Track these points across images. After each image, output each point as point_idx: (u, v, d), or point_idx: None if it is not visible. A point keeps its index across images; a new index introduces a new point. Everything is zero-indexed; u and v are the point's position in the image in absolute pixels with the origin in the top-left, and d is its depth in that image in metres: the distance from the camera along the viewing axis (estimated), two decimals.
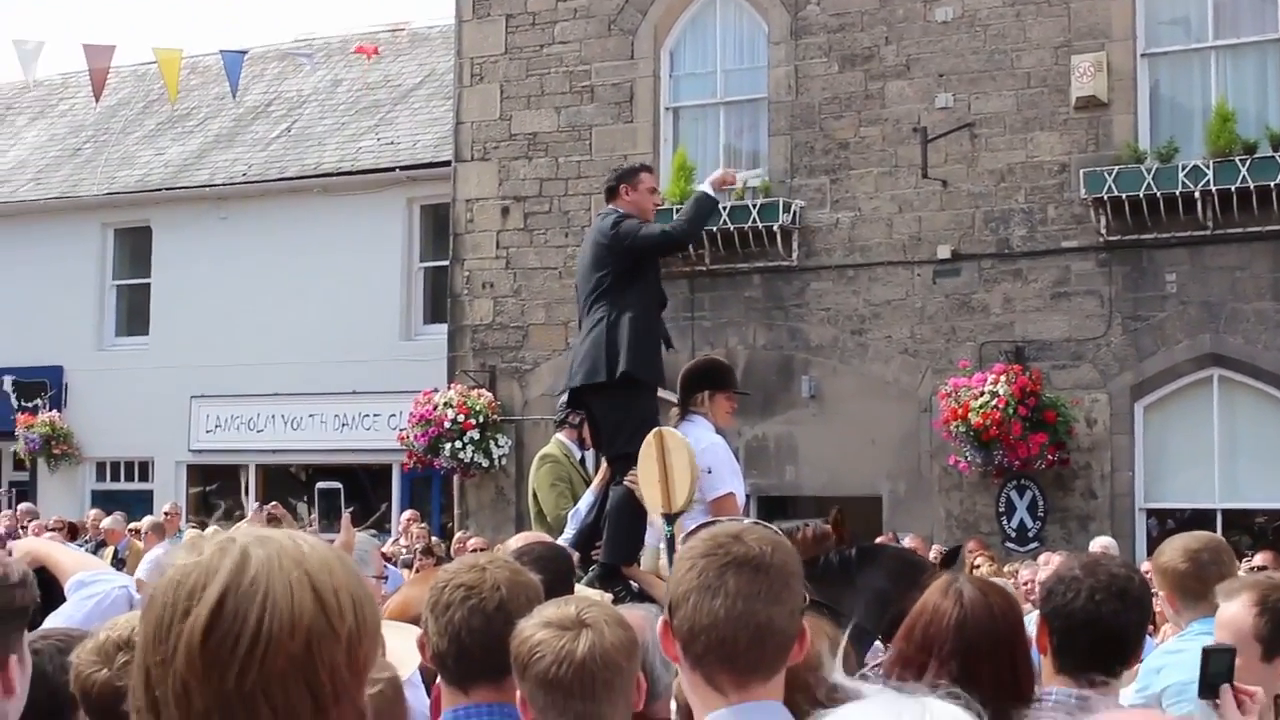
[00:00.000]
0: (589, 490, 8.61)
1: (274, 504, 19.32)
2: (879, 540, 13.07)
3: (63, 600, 4.41)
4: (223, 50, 20.19)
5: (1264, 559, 12.61)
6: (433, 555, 15.15)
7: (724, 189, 8.86)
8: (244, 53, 20.58)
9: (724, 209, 18.37)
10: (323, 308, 22.43)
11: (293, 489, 23.66)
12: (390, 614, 5.81)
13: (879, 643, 7.25)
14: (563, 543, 7.52)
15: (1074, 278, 17.34)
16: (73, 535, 18.08)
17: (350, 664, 1.80)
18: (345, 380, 22.15)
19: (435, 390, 19.91)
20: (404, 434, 20.05)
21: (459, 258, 20.55)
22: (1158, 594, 5.73)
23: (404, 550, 16.46)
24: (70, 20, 58.47)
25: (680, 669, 2.91)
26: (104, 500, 22.85)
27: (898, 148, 18.11)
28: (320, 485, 6.01)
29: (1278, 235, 16.43)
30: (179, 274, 23.95)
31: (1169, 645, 5.01)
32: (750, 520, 3.37)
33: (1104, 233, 17.01)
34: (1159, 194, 16.49)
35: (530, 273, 20.02)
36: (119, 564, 15.85)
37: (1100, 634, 3.90)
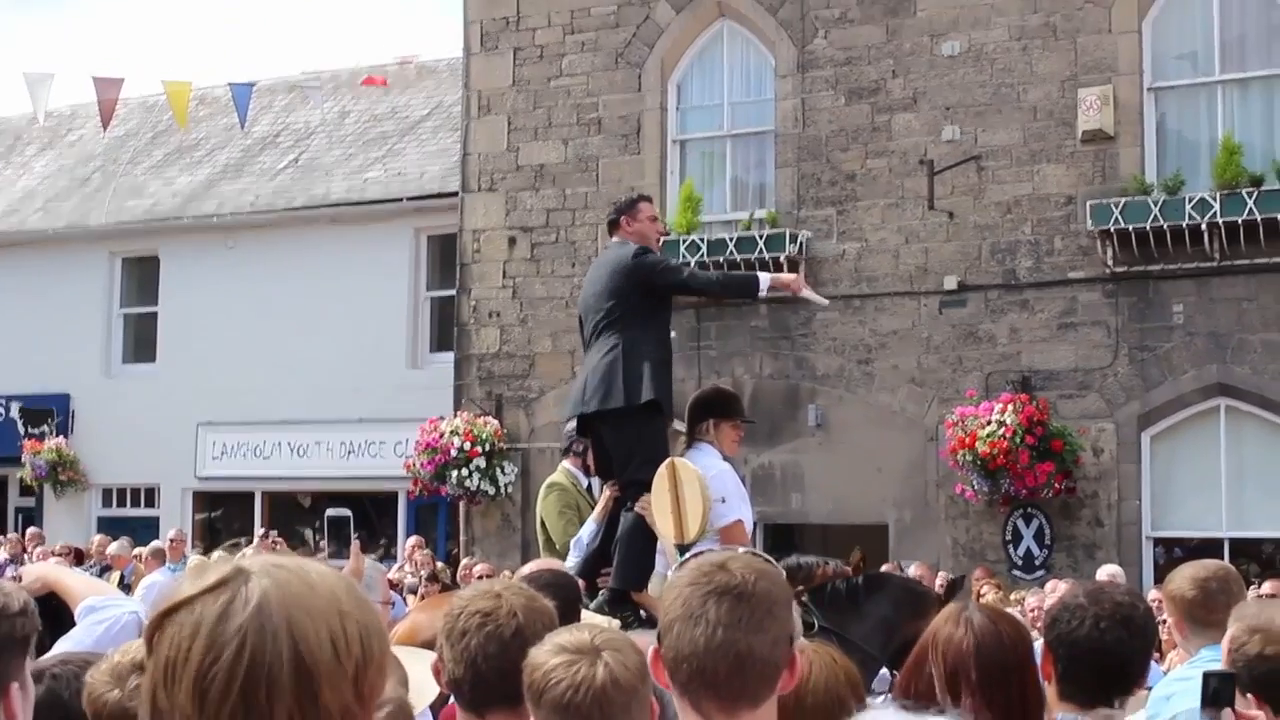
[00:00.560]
0: (590, 518, 8.63)
1: (273, 535, 19.39)
2: (884, 568, 13.09)
3: (73, 625, 4.42)
4: (231, 82, 20.29)
5: (1272, 587, 12.61)
6: (438, 581, 15.20)
7: (778, 289, 8.74)
8: (252, 84, 20.67)
9: (731, 240, 18.47)
10: (330, 336, 22.47)
11: (298, 517, 23.67)
12: (399, 639, 5.83)
13: (885, 671, 7.27)
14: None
15: (1080, 308, 17.36)
16: (78, 561, 18.09)
17: (357, 694, 1.79)
18: (352, 408, 22.18)
19: (441, 418, 19.94)
20: (410, 461, 20.07)
21: (466, 287, 20.60)
22: (1165, 621, 5.75)
23: (409, 576, 16.50)
24: (79, 52, 58.76)
25: (673, 696, 2.92)
26: (110, 526, 22.83)
27: (904, 180, 18.15)
28: (330, 513, 6.01)
29: None
30: (186, 303, 24.00)
31: (1179, 672, 5.01)
32: (744, 549, 3.37)
33: (1110, 264, 17.04)
34: (1165, 226, 16.51)
35: (537, 302, 20.07)
36: (125, 589, 15.85)
37: (1105, 662, 3.91)
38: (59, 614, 4.38)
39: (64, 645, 4.14)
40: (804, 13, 18.77)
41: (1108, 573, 12.43)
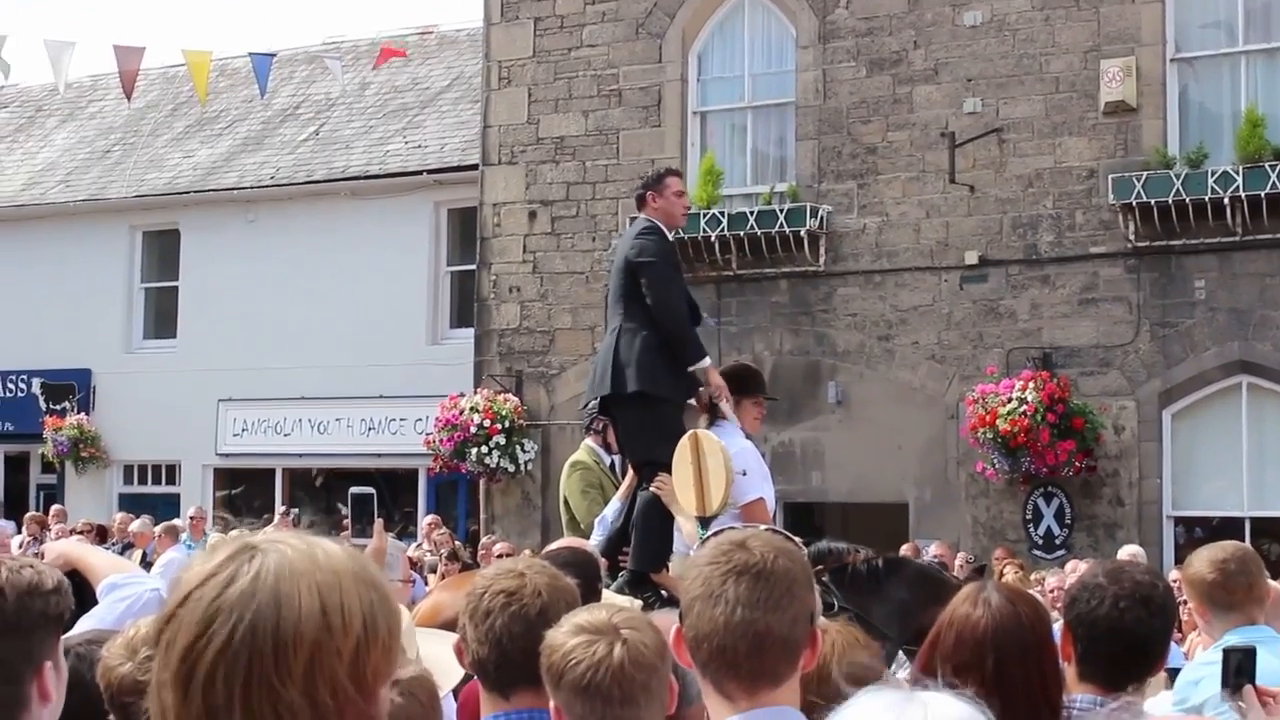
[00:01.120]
0: (615, 497, 8.63)
1: (294, 512, 19.47)
2: (903, 549, 13.06)
3: (95, 602, 4.44)
4: (251, 52, 20.26)
5: None
6: (458, 560, 15.20)
7: (701, 377, 8.15)
8: (273, 55, 20.64)
9: (752, 213, 18.43)
10: (350, 311, 22.46)
11: (317, 494, 23.71)
12: (421, 618, 5.83)
13: (903, 653, 7.27)
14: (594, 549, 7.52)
15: (1102, 284, 17.29)
16: (102, 538, 18.16)
17: (355, 674, 1.77)
18: (372, 384, 22.19)
19: (461, 395, 19.93)
20: (430, 438, 20.06)
21: (486, 262, 20.58)
22: (1185, 602, 5.71)
23: (428, 554, 16.51)
24: (98, 22, 58.76)
25: (696, 675, 2.92)
26: (131, 503, 22.93)
27: (925, 153, 18.08)
28: (353, 490, 6.00)
29: None
30: (207, 277, 24.02)
31: (1206, 656, 4.98)
32: (765, 527, 3.35)
33: (1132, 239, 16.96)
34: (1188, 200, 16.43)
35: (557, 277, 20.04)
36: (146, 567, 15.91)
37: (1124, 642, 3.89)
38: (81, 592, 4.38)
39: (86, 623, 4.16)
40: None
41: (1129, 552, 12.40)
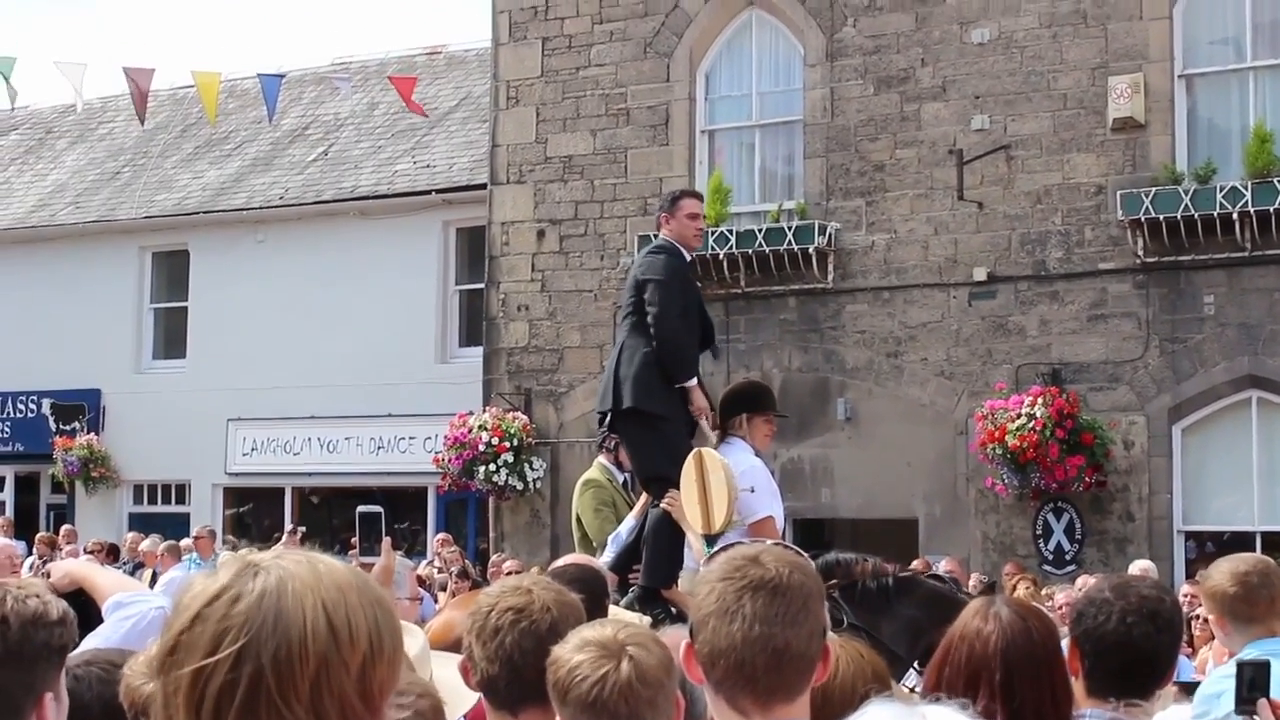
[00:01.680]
0: (630, 514, 8.63)
1: (301, 530, 19.46)
2: (914, 565, 13.03)
3: (100, 621, 4.43)
4: (260, 73, 20.29)
5: None
6: (469, 578, 15.20)
7: (690, 401, 8.14)
8: (281, 76, 20.67)
9: (760, 231, 18.43)
10: (359, 331, 22.49)
11: (328, 513, 23.71)
12: (432, 636, 5.81)
13: (913, 671, 7.24)
14: (602, 565, 7.51)
15: (1111, 300, 17.27)
16: (113, 557, 18.20)
17: (362, 690, 1.77)
18: (381, 403, 22.20)
19: (470, 413, 19.93)
20: (439, 457, 20.06)
21: (494, 280, 20.59)
22: (1199, 617, 5.67)
23: (437, 573, 16.51)
24: (106, 44, 58.99)
25: (706, 692, 2.90)
26: (141, 523, 22.93)
27: (933, 170, 18.08)
28: (361, 509, 5.97)
29: None
30: (216, 297, 24.07)
31: (1226, 669, 4.95)
32: (773, 543, 3.34)
33: (1141, 254, 16.94)
34: (1196, 215, 16.41)
35: (565, 295, 20.05)
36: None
37: (1132, 656, 3.87)
38: (86, 611, 4.38)
39: (91, 642, 4.14)
40: (832, 1, 18.71)
41: (1140, 567, 12.37)
